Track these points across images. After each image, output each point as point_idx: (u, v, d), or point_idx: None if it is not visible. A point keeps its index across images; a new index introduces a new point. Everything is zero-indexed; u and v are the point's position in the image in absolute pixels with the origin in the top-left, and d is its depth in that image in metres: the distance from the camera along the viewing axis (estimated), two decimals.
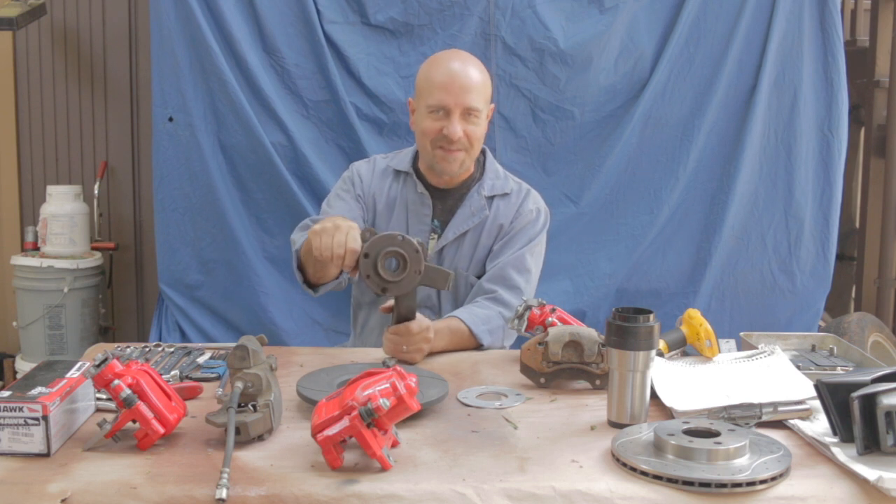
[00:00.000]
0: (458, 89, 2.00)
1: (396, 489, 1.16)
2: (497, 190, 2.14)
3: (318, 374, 1.62)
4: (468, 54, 2.13)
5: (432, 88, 2.02)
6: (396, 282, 1.73)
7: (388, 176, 2.17)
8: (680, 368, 1.69)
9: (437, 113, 2.02)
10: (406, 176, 2.15)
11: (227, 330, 3.08)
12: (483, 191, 2.12)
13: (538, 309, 1.84)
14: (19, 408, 1.24)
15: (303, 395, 1.50)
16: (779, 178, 3.03)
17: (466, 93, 2.00)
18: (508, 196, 2.15)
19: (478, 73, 2.05)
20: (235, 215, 3.00)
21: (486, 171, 2.16)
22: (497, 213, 2.13)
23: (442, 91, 2.00)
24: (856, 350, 1.86)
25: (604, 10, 2.93)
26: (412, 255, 1.73)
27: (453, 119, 2.00)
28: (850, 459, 1.23)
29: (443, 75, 2.02)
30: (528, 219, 2.14)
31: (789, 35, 2.96)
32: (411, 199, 2.13)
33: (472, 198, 2.11)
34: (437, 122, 2.02)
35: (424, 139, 2.05)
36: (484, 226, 2.12)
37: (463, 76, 2.01)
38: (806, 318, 3.09)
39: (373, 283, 1.73)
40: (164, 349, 1.84)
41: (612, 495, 1.17)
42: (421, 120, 2.06)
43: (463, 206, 2.11)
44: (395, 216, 2.14)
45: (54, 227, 3.42)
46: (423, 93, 2.05)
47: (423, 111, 2.05)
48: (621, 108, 3.00)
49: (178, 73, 2.91)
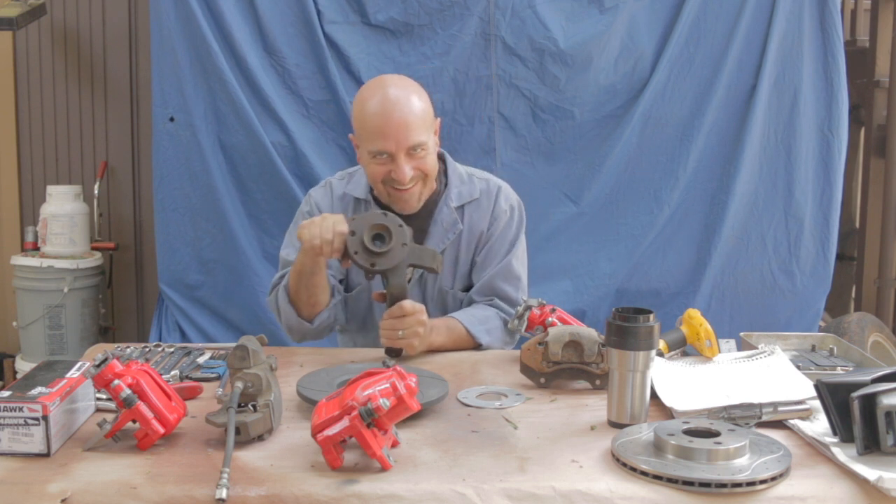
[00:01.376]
0: (395, 131, 1.84)
1: (396, 489, 1.17)
2: (465, 198, 2.03)
3: (318, 374, 1.62)
4: (398, 81, 1.96)
5: (370, 134, 1.87)
6: (384, 253, 1.74)
7: (347, 203, 2.05)
8: (680, 368, 1.69)
9: (382, 156, 1.88)
10: (366, 203, 2.04)
11: (227, 330, 3.08)
12: (451, 202, 2.01)
13: (538, 309, 1.84)
14: (19, 408, 1.24)
15: (303, 395, 1.50)
16: (779, 178, 3.03)
17: (407, 132, 1.85)
18: (479, 200, 2.04)
19: (414, 103, 1.88)
20: (235, 215, 3.00)
21: (449, 181, 2.03)
22: (472, 223, 2.03)
23: (381, 138, 1.85)
24: (856, 350, 1.86)
25: (604, 10, 2.93)
26: (396, 228, 1.75)
27: (399, 162, 1.86)
28: (850, 459, 1.23)
29: (378, 118, 1.86)
30: (503, 220, 2.04)
31: (789, 35, 2.95)
32: None
33: (442, 212, 2.00)
34: (382, 166, 1.89)
35: (375, 181, 1.94)
36: (461, 239, 2.03)
37: (398, 115, 1.85)
38: (806, 318, 3.09)
39: (361, 258, 1.74)
40: (164, 349, 1.84)
41: (612, 495, 1.17)
42: (366, 162, 1.93)
43: (434, 223, 2.00)
44: None
45: (54, 227, 3.42)
46: (362, 136, 1.91)
47: (365, 154, 1.92)
48: (621, 108, 3.00)
49: (178, 73, 2.91)
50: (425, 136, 1.89)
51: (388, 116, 1.85)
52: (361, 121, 1.91)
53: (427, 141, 1.90)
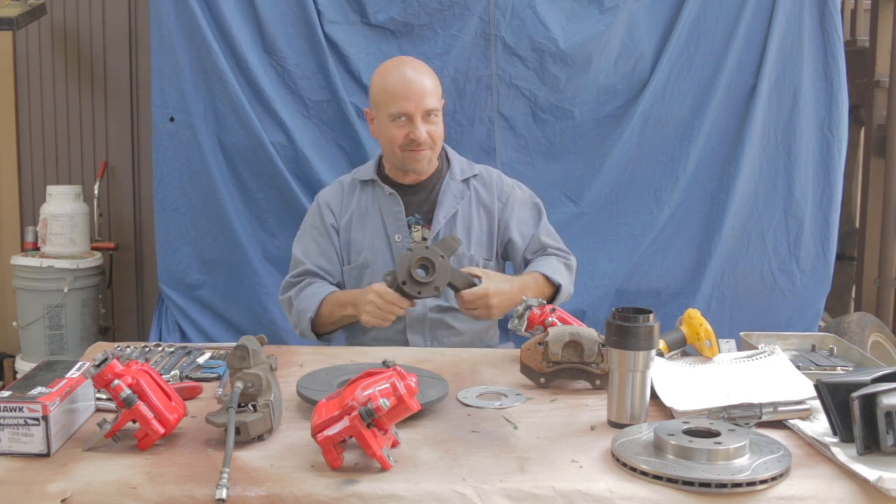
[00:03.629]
0: (415, 95, 2.12)
1: (396, 489, 1.17)
2: (467, 172, 2.28)
3: (318, 374, 1.62)
4: (414, 59, 2.26)
5: (392, 98, 2.13)
6: (439, 274, 1.94)
7: (355, 188, 2.28)
8: (680, 368, 1.69)
9: (400, 119, 2.13)
10: (373, 183, 2.26)
11: (228, 330, 3.08)
12: (456, 176, 2.26)
13: (538, 309, 1.84)
14: (19, 408, 1.24)
15: (303, 395, 1.50)
16: (779, 178, 3.03)
17: (424, 97, 2.12)
18: (480, 175, 2.30)
19: (428, 76, 2.18)
20: (236, 215, 3.00)
21: (451, 161, 2.29)
22: (478, 193, 2.27)
23: (402, 99, 2.12)
24: (856, 350, 1.86)
25: (604, 10, 2.92)
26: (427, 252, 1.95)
27: (416, 123, 2.12)
28: (850, 459, 1.23)
29: (399, 84, 2.13)
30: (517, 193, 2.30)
31: (789, 35, 2.95)
32: (382, 202, 2.23)
33: (449, 185, 2.24)
34: (401, 128, 2.13)
35: (392, 145, 2.16)
36: (471, 206, 2.25)
37: (418, 82, 2.13)
38: (806, 318, 3.09)
39: (427, 291, 1.95)
40: (164, 349, 1.84)
41: (612, 495, 1.17)
42: (385, 128, 2.17)
43: (443, 192, 2.23)
44: (370, 221, 2.22)
45: (54, 227, 3.42)
46: (382, 103, 2.16)
47: (384, 120, 2.16)
48: (621, 108, 3.00)
49: (178, 73, 2.91)
50: (437, 105, 2.17)
51: (409, 82, 2.13)
52: (382, 88, 2.16)
53: (439, 109, 2.17)
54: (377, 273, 2.17)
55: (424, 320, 2.19)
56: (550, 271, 2.17)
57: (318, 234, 2.26)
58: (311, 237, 2.26)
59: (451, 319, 2.20)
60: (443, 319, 2.20)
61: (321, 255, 2.24)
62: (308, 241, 2.26)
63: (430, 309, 2.19)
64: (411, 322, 2.18)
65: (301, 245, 2.27)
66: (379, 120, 2.19)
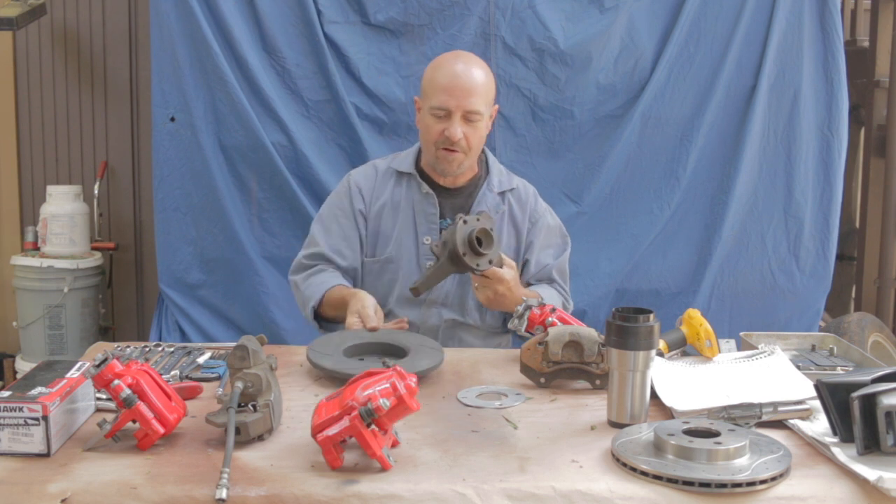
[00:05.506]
0: (459, 92, 2.04)
1: (396, 489, 1.17)
2: (505, 186, 2.22)
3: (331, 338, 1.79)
4: (473, 56, 2.18)
5: (436, 90, 2.07)
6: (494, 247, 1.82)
7: (390, 177, 2.21)
8: (680, 368, 1.69)
9: (440, 112, 2.07)
10: (409, 177, 2.19)
11: (228, 329, 3.08)
12: (493, 188, 2.20)
13: (538, 309, 1.84)
14: (19, 408, 1.24)
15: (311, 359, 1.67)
16: (779, 178, 3.03)
17: (468, 96, 2.05)
18: (517, 190, 2.24)
19: (481, 75, 2.10)
20: (236, 214, 3.00)
21: (490, 169, 2.23)
22: (512, 209, 2.21)
23: (444, 93, 2.05)
24: (856, 350, 1.86)
25: (604, 10, 2.93)
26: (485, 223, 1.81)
27: (454, 121, 2.06)
28: (850, 459, 1.23)
29: (446, 78, 2.06)
30: (548, 217, 2.25)
31: (789, 35, 2.95)
32: (417, 199, 2.17)
33: (486, 196, 2.19)
34: (438, 123, 2.07)
35: (428, 138, 2.11)
36: (504, 222, 2.20)
37: (465, 79, 2.06)
38: (806, 318, 3.09)
39: (484, 264, 1.81)
40: (164, 349, 1.84)
41: (612, 495, 1.17)
42: (425, 120, 2.12)
43: (477, 203, 2.17)
44: (402, 216, 2.16)
45: (54, 227, 3.42)
46: (428, 94, 2.11)
47: (426, 111, 2.11)
48: (621, 108, 3.00)
49: (178, 73, 2.91)
50: (483, 108, 2.08)
51: (456, 77, 2.06)
52: (431, 79, 2.10)
53: (483, 113, 2.09)
54: (399, 271, 2.14)
55: (437, 334, 2.14)
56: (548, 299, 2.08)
57: (342, 216, 2.18)
58: (335, 218, 2.19)
59: (464, 333, 2.17)
60: (455, 333, 2.17)
61: (342, 240, 2.17)
62: (331, 222, 2.19)
63: (444, 322, 2.15)
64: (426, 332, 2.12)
65: (322, 224, 2.20)
66: (423, 109, 2.14)
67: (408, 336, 1.87)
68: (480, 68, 2.11)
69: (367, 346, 1.82)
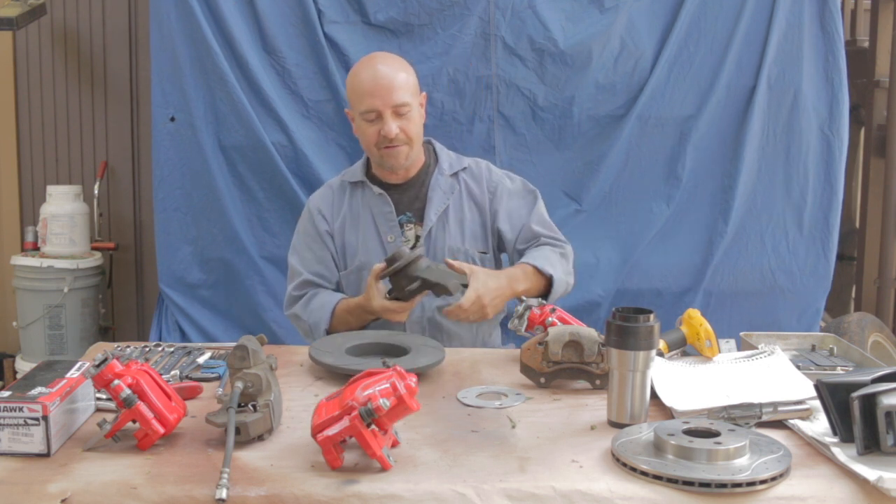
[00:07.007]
0: (383, 91, 2.10)
1: (396, 489, 1.17)
2: (456, 167, 2.27)
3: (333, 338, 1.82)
4: (387, 54, 2.27)
5: (361, 96, 2.13)
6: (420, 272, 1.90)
7: (344, 191, 2.27)
8: (680, 368, 1.69)
9: (371, 115, 2.12)
10: (362, 185, 2.25)
11: (228, 329, 3.08)
12: (444, 171, 2.24)
13: (538, 309, 1.85)
14: (19, 408, 1.24)
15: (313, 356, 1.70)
16: (778, 177, 3.03)
17: (391, 92, 2.10)
18: (469, 168, 2.28)
19: (399, 69, 2.16)
20: (236, 214, 3.00)
21: (439, 156, 2.28)
22: (469, 186, 2.25)
23: (369, 96, 2.11)
24: (856, 350, 1.86)
25: (604, 10, 2.92)
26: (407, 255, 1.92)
27: (386, 119, 2.11)
28: (850, 459, 1.23)
29: (367, 81, 2.12)
30: (505, 183, 2.26)
31: (789, 35, 2.95)
32: (372, 203, 2.22)
33: (438, 179, 2.23)
34: (372, 125, 2.13)
35: (368, 143, 2.17)
36: (462, 200, 2.23)
37: (385, 78, 2.11)
38: (806, 318, 3.09)
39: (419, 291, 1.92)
40: (164, 349, 1.84)
41: (612, 495, 1.17)
42: (360, 127, 2.17)
43: (432, 189, 2.22)
44: (362, 223, 2.22)
45: (54, 227, 3.42)
46: (354, 102, 2.17)
47: (359, 119, 2.16)
48: (621, 108, 3.00)
49: (178, 73, 2.91)
50: (409, 99, 2.13)
51: (376, 78, 2.11)
52: (353, 87, 2.16)
53: (412, 104, 2.14)
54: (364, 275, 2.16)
55: (422, 322, 2.17)
56: (541, 262, 2.09)
57: (312, 242, 2.24)
58: (306, 245, 2.25)
59: (451, 323, 2.17)
60: (442, 322, 2.18)
61: (318, 263, 2.22)
62: (303, 250, 2.24)
63: (429, 310, 2.17)
64: (411, 325, 2.17)
65: (297, 255, 2.25)
66: (356, 119, 2.18)
67: (409, 336, 1.88)
68: (397, 63, 2.18)
69: (369, 346, 1.83)
